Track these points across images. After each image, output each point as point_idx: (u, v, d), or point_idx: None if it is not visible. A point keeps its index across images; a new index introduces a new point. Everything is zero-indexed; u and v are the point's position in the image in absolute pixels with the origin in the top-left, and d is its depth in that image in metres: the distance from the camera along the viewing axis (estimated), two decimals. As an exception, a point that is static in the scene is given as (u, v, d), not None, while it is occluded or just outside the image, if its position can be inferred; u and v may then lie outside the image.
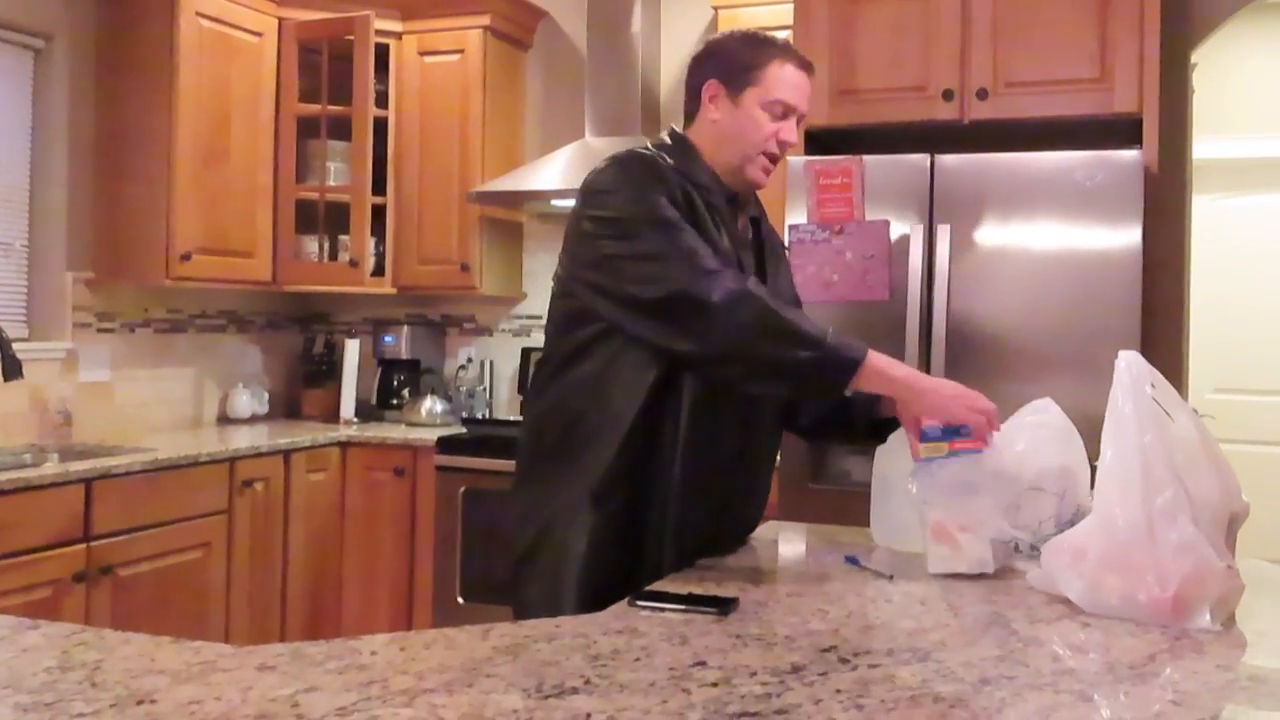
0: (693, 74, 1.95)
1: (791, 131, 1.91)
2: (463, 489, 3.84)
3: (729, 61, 1.91)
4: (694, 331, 1.73)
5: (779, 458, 3.25)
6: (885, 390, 1.78)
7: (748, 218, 1.97)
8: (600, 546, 1.79)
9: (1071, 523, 1.70)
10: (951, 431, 1.74)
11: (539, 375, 1.92)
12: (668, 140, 1.94)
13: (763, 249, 1.99)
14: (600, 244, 1.80)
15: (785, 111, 1.89)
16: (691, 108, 1.95)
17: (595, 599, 1.66)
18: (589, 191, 1.85)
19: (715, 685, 1.18)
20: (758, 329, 1.70)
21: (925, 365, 3.13)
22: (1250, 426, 5.26)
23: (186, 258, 3.78)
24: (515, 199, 4.19)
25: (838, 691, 1.19)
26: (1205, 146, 4.45)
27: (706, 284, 1.71)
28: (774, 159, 1.91)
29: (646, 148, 1.90)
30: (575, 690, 1.16)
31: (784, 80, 1.89)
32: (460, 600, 3.84)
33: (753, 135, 1.88)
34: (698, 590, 1.60)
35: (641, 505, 1.81)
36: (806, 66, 1.93)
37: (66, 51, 3.79)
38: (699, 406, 1.81)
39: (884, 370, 1.74)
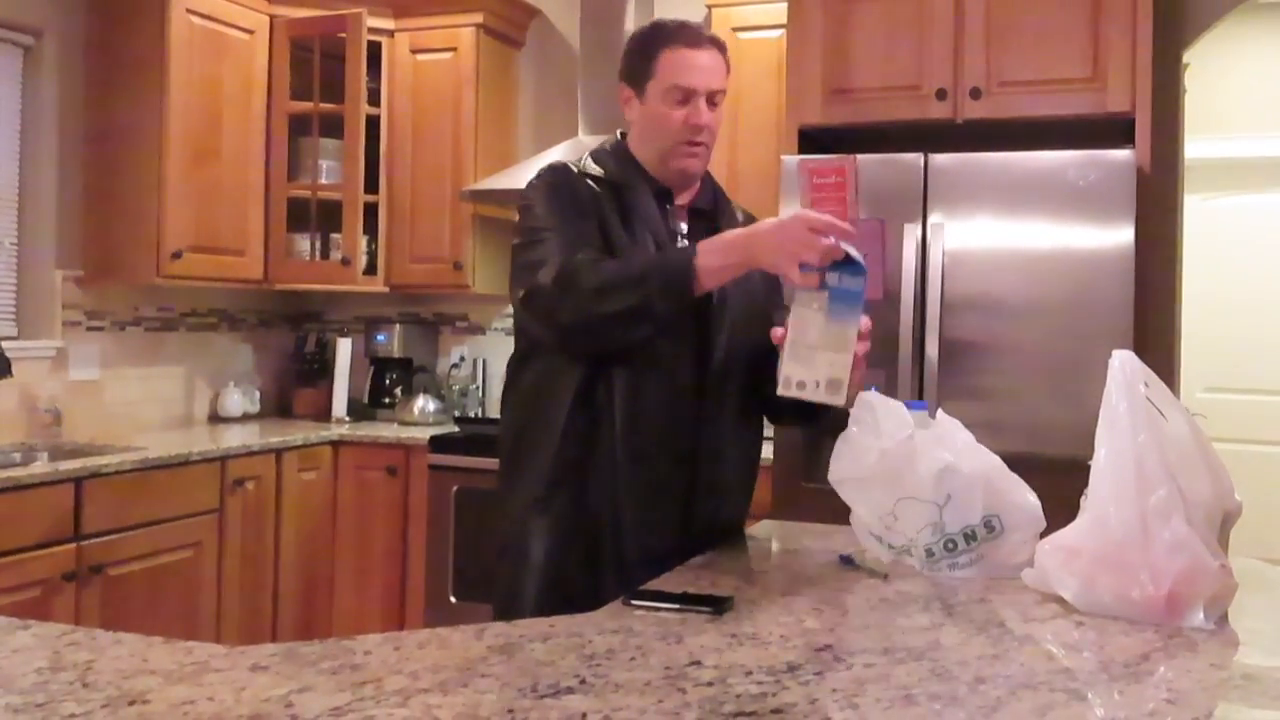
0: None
1: (700, 114, 1.88)
2: (455, 488, 3.83)
3: (628, 61, 1.94)
4: (545, 319, 1.79)
5: (773, 455, 3.27)
6: (731, 273, 1.74)
7: (686, 210, 1.97)
8: (554, 552, 1.84)
9: (967, 534, 1.70)
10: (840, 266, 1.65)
11: (504, 390, 2.00)
12: (606, 144, 1.99)
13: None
14: (513, 258, 1.88)
15: (686, 96, 1.87)
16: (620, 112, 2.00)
17: (560, 602, 1.68)
18: (519, 209, 1.92)
19: (710, 685, 1.18)
20: (588, 292, 1.72)
21: (919, 365, 3.14)
22: (1242, 425, 5.28)
23: (177, 256, 3.77)
24: (508, 197, 4.16)
25: (833, 691, 1.18)
26: (1197, 146, 4.46)
27: (543, 273, 1.75)
28: (698, 144, 1.89)
29: (574, 157, 1.96)
30: (570, 690, 1.15)
31: (676, 64, 1.88)
32: (453, 599, 3.83)
33: (663, 127, 1.89)
34: (692, 590, 1.60)
35: (588, 509, 1.83)
36: (700, 42, 1.90)
37: (56, 48, 3.77)
38: (633, 406, 1.82)
39: (714, 261, 1.70)
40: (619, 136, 2.01)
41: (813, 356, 1.66)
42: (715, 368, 1.88)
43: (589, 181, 1.90)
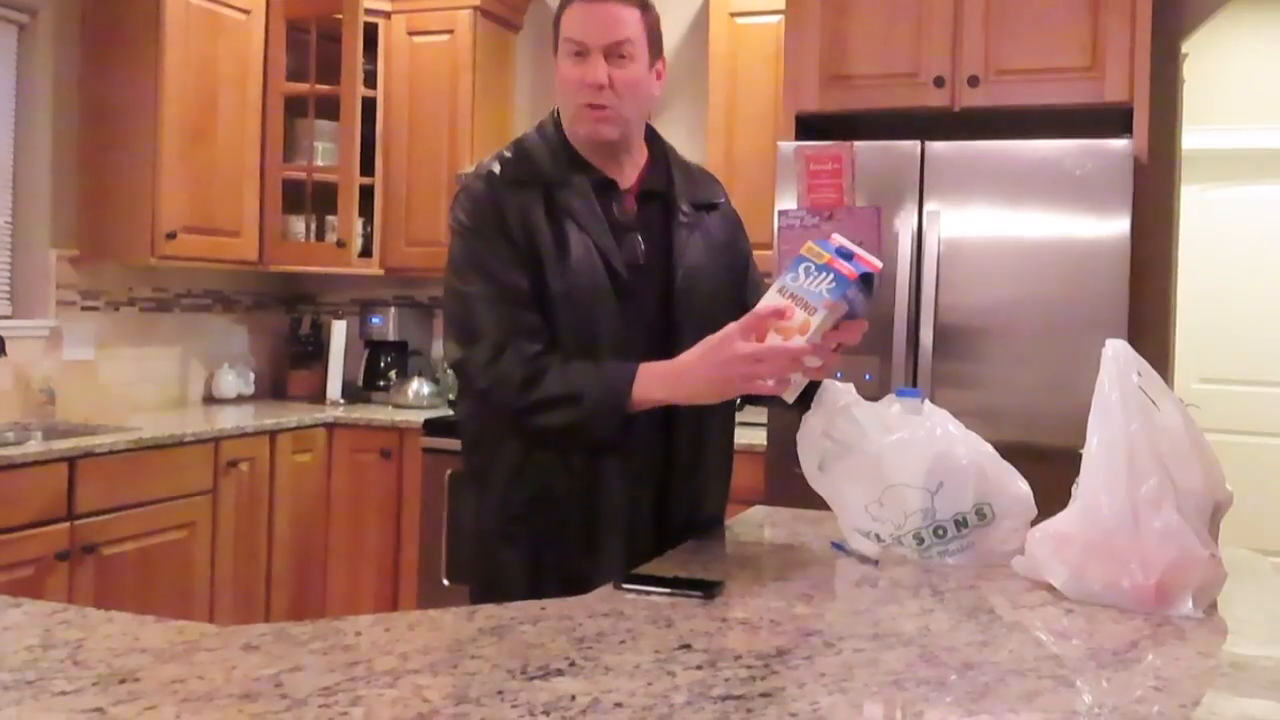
0: None
1: (596, 69, 1.72)
2: (449, 471, 3.83)
3: (552, 30, 1.81)
4: (475, 398, 1.77)
5: (766, 441, 3.28)
6: (668, 403, 1.69)
7: (634, 196, 1.83)
8: (524, 579, 1.76)
9: (958, 520, 1.70)
10: (844, 254, 1.61)
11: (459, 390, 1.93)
12: (536, 130, 1.85)
13: (670, 219, 1.84)
14: (445, 281, 1.80)
15: (579, 49, 1.73)
16: None
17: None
18: (449, 227, 1.83)
19: (700, 668, 1.18)
20: (523, 404, 1.68)
21: (913, 351, 3.14)
22: (1236, 416, 5.29)
23: (172, 236, 3.76)
24: (504, 181, 4.17)
25: (822, 675, 1.19)
26: (1195, 137, 4.46)
27: (477, 353, 1.70)
28: (600, 106, 1.73)
29: (506, 151, 1.81)
30: (560, 672, 1.16)
31: (571, 20, 1.75)
32: (446, 582, 3.84)
33: (563, 91, 1.77)
34: (683, 574, 1.60)
35: (560, 531, 1.77)
36: None
37: (51, 26, 3.75)
38: None
39: (654, 394, 1.65)
40: (554, 116, 1.84)
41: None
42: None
43: (515, 187, 1.75)
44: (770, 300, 1.59)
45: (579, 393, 1.66)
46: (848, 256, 1.61)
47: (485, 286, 1.73)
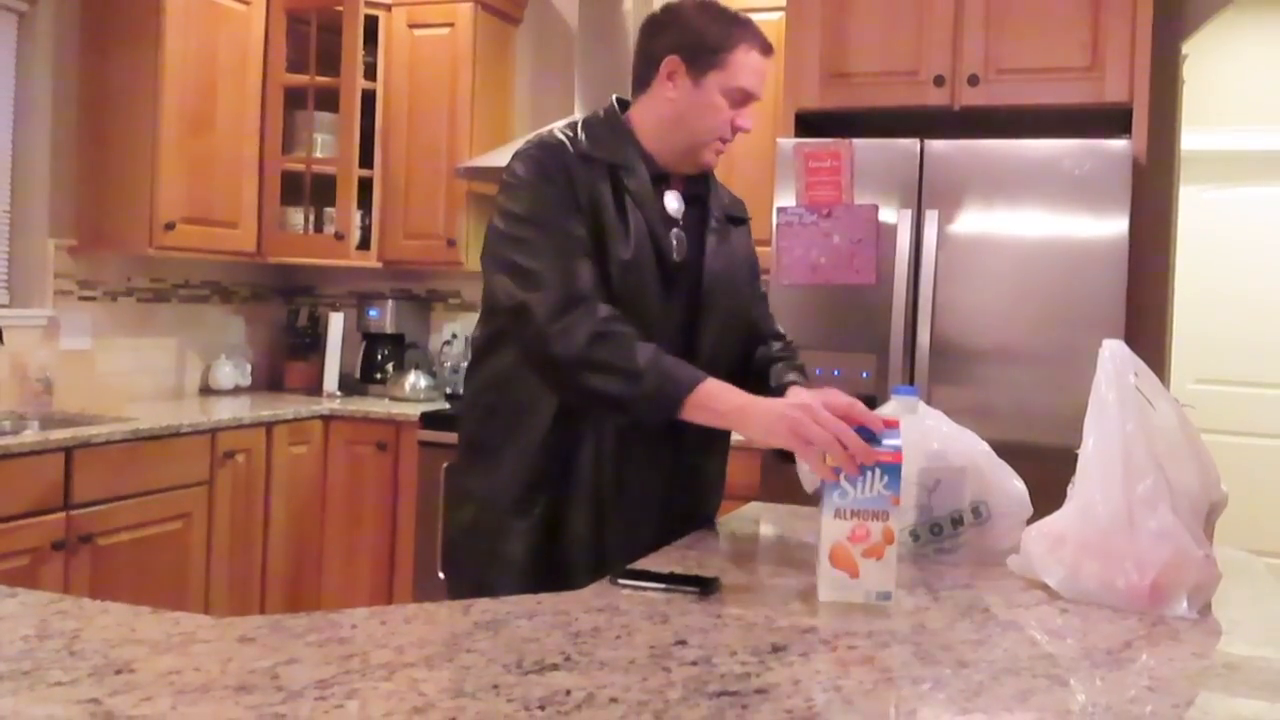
0: (650, 40, 1.85)
1: (749, 119, 1.84)
2: (445, 464, 3.83)
3: (694, 39, 1.80)
4: (526, 345, 1.73)
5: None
6: (713, 423, 1.66)
7: (680, 193, 1.87)
8: (531, 553, 1.79)
9: (954, 519, 1.71)
10: (865, 439, 1.49)
11: (470, 362, 1.93)
12: (601, 114, 1.87)
13: (705, 224, 1.89)
14: (493, 238, 1.78)
15: (745, 99, 1.82)
16: (646, 75, 1.84)
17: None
18: (501, 183, 1.81)
19: (695, 664, 1.19)
20: (581, 358, 1.66)
21: (910, 350, 3.14)
22: (1232, 417, 5.30)
23: (170, 227, 3.75)
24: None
25: (817, 672, 1.19)
26: (1194, 138, 4.46)
27: (540, 299, 1.68)
28: (726, 143, 1.85)
29: (568, 129, 1.83)
30: (555, 667, 1.16)
31: (749, 67, 1.81)
32: (441, 575, 3.82)
33: (710, 121, 1.81)
34: (679, 570, 1.61)
35: (570, 515, 1.78)
36: (770, 51, 1.86)
37: (50, 15, 3.75)
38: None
39: (707, 414, 1.64)
40: (614, 104, 1.89)
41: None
42: (701, 367, 1.78)
43: (584, 161, 1.78)
44: (831, 532, 1.47)
45: (641, 371, 1.64)
46: (870, 439, 1.48)
47: (551, 237, 1.72)
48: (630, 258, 1.75)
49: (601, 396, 1.67)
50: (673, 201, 1.86)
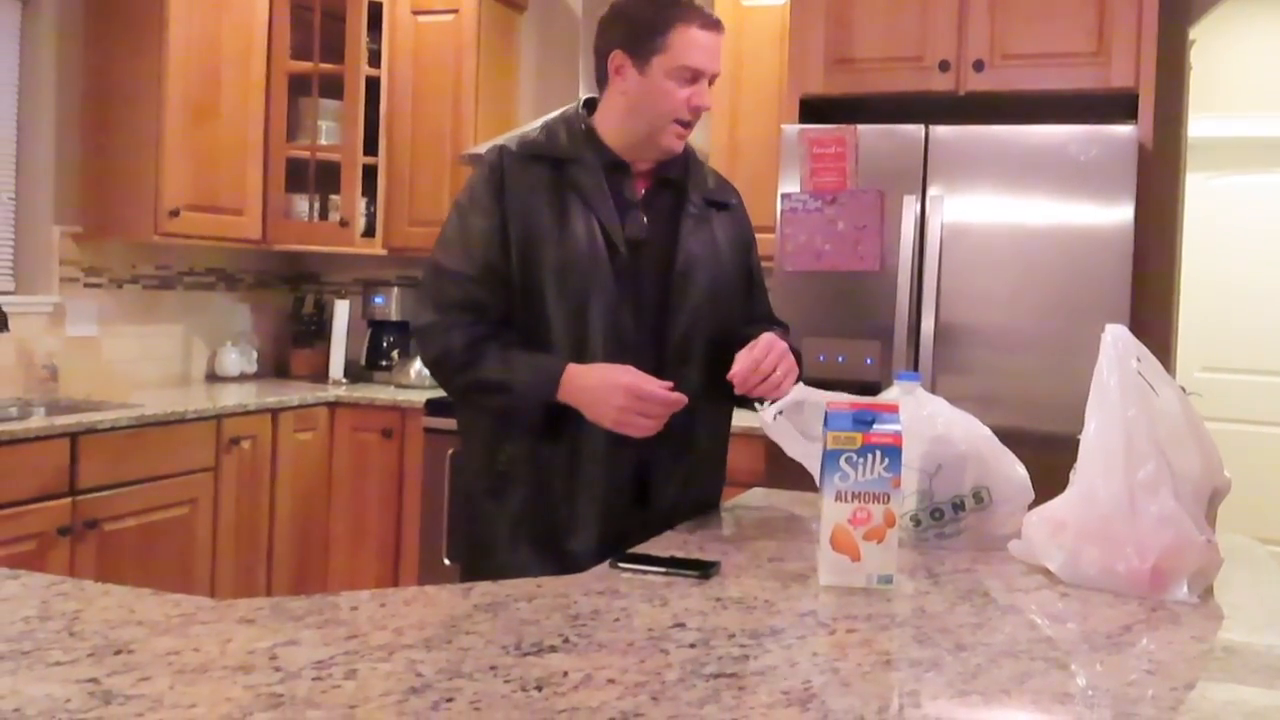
0: (599, 39, 1.90)
1: (703, 95, 1.86)
2: (450, 451, 3.84)
3: (633, 29, 1.85)
4: (427, 366, 1.91)
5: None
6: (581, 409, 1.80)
7: (650, 178, 1.91)
8: (509, 539, 1.87)
9: (955, 504, 1.70)
10: (864, 421, 1.47)
11: None
12: (568, 114, 1.94)
13: (680, 211, 1.91)
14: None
15: (694, 76, 1.84)
16: (601, 74, 1.91)
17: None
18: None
19: (693, 646, 1.19)
20: (461, 385, 1.86)
21: (914, 336, 3.14)
22: (1237, 405, 5.28)
23: (175, 214, 3.75)
24: (508, 162, 4.15)
25: (814, 654, 1.19)
26: (1201, 124, 4.44)
27: (429, 337, 1.86)
28: (687, 124, 1.87)
29: (533, 129, 1.96)
30: (554, 649, 1.16)
31: (691, 44, 1.83)
32: (446, 561, 3.84)
33: (663, 105, 1.84)
34: (679, 554, 1.61)
35: (545, 501, 1.85)
36: (714, 25, 1.87)
37: (55, 3, 3.74)
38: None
39: (569, 399, 1.78)
40: (579, 104, 1.95)
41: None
42: (672, 350, 1.86)
43: (531, 161, 1.86)
44: (832, 515, 1.47)
45: (508, 382, 1.79)
46: (869, 422, 1.46)
47: (457, 261, 1.85)
48: (569, 250, 1.81)
49: (492, 412, 1.87)
50: (632, 187, 1.89)
